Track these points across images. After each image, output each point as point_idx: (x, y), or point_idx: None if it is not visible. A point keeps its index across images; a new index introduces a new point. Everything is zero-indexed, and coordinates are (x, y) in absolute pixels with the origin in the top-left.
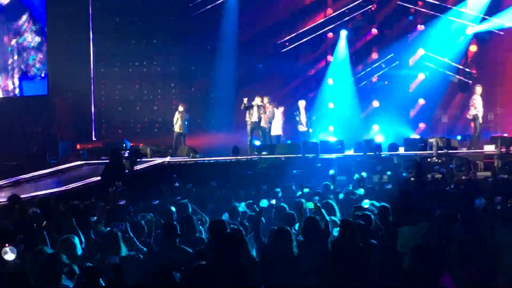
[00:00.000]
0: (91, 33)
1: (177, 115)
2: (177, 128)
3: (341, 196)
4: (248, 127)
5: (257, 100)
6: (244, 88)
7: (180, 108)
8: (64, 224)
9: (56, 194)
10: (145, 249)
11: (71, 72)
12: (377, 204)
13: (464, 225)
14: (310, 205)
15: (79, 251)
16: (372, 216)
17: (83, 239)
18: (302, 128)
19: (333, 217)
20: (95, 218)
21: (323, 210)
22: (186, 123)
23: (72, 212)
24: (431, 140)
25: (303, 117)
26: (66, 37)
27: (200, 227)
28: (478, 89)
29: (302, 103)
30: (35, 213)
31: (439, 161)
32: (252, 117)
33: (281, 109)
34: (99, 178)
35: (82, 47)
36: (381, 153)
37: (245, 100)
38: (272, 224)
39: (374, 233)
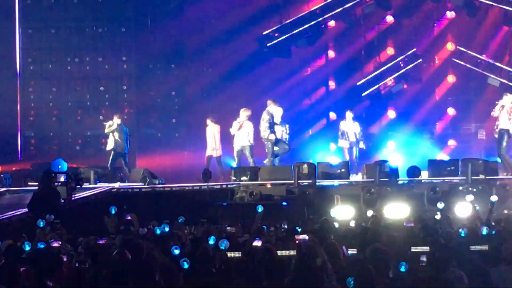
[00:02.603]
0: (17, 20)
1: (110, 129)
2: (111, 145)
3: None
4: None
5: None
6: (219, 93)
7: (117, 121)
8: None
9: None
10: None
11: None
12: None
13: None
14: None
15: None
16: None
17: None
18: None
19: None
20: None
21: None
22: (126, 139)
23: None
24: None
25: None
26: None
27: None
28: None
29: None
30: None
31: (474, 189)
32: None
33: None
34: (25, 210)
35: (5, 37)
36: (398, 179)
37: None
38: None
39: None
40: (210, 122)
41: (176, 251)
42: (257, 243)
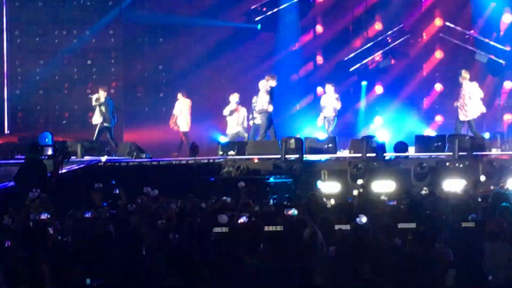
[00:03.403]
0: None
1: (97, 102)
2: (97, 118)
3: None
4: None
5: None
6: (207, 67)
7: (103, 94)
8: None
9: None
10: None
11: None
12: None
13: None
14: None
15: None
16: None
17: None
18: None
19: None
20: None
21: None
22: (112, 112)
23: None
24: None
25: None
26: None
27: None
28: None
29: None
30: None
31: (461, 165)
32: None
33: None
34: (12, 183)
35: None
36: (385, 154)
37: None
38: None
39: None
40: (181, 96)
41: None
42: (243, 219)
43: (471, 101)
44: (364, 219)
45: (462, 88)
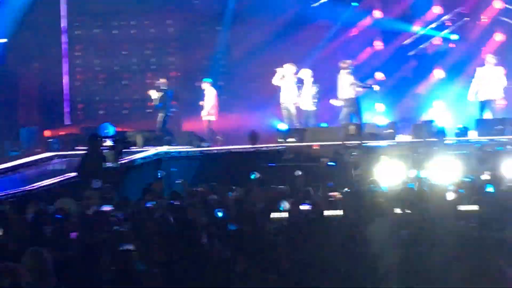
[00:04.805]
0: None
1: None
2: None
3: None
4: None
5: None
6: (264, 55)
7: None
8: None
9: (17, 196)
10: None
11: (37, 35)
12: None
13: None
14: None
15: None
16: None
17: None
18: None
19: None
20: None
21: None
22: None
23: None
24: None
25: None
26: None
27: None
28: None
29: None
30: None
31: None
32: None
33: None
34: (74, 174)
35: (50, 3)
36: (445, 138)
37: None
38: None
39: None
40: (207, 86)
41: (220, 214)
42: (305, 207)
43: None
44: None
45: None
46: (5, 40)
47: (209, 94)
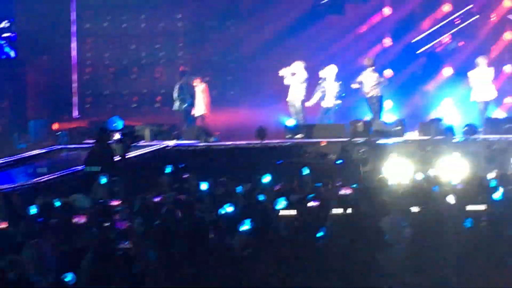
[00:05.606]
0: None
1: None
2: (178, 104)
3: None
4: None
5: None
6: (274, 51)
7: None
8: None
9: (25, 188)
10: None
11: (46, 28)
12: None
13: None
14: None
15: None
16: None
17: None
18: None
19: None
20: None
21: None
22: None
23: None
24: None
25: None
26: None
27: None
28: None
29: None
30: None
31: None
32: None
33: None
34: (82, 167)
35: None
36: (454, 137)
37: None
38: None
39: None
40: (198, 82)
41: (230, 209)
42: (313, 203)
43: None
44: None
45: None
46: (14, 33)
47: (200, 90)
